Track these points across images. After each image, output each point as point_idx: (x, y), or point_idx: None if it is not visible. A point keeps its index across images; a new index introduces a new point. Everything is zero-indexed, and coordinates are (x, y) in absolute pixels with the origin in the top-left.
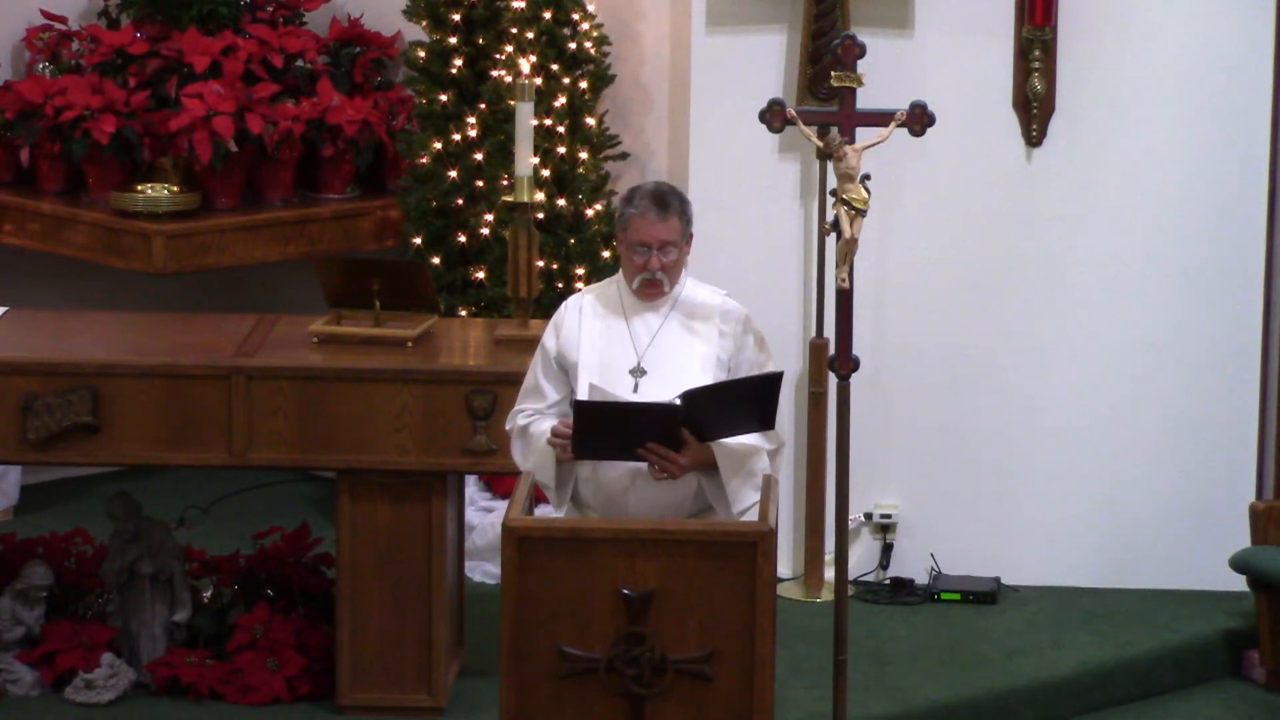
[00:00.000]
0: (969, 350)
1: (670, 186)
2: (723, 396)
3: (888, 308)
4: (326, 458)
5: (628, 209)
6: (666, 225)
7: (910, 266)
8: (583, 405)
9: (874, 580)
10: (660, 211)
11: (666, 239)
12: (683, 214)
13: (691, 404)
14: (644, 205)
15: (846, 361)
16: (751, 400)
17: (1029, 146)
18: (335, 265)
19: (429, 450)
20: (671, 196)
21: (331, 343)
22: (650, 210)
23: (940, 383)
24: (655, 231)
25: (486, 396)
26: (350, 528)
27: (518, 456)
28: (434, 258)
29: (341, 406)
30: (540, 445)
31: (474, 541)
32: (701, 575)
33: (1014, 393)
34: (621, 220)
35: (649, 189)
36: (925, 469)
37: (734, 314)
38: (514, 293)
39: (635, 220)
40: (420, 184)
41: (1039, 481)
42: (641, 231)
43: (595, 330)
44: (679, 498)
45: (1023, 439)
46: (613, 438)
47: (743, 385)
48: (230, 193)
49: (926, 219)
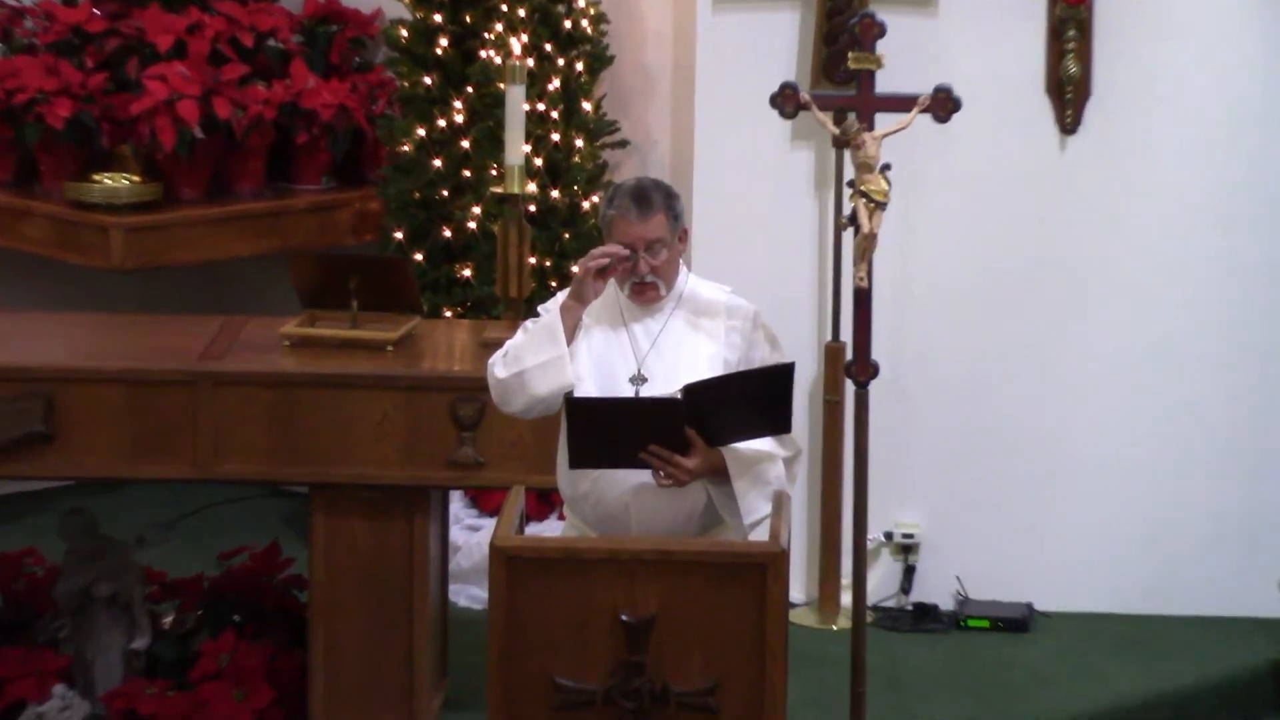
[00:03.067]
0: (998, 355)
1: (653, 181)
2: (728, 390)
3: (909, 309)
4: (299, 471)
5: (608, 211)
6: (650, 224)
7: (934, 264)
8: (576, 404)
9: (894, 606)
10: (641, 210)
11: (652, 238)
12: (669, 208)
13: (694, 398)
14: (623, 205)
15: (865, 367)
16: (761, 396)
17: (1063, 134)
18: (309, 262)
19: (411, 463)
20: (654, 191)
21: (305, 346)
22: (630, 210)
23: (966, 391)
24: (638, 231)
25: (473, 405)
26: (325, 547)
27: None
28: (417, 254)
29: (316, 415)
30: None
31: (459, 563)
32: (707, 599)
33: (1047, 402)
34: (604, 223)
35: (629, 187)
36: (950, 485)
37: (741, 311)
38: (503, 292)
39: (616, 222)
40: (402, 174)
41: (1075, 499)
42: (624, 234)
43: (592, 332)
44: (685, 512)
45: (1057, 453)
46: (612, 441)
47: (749, 378)
48: (195, 183)
49: (951, 213)
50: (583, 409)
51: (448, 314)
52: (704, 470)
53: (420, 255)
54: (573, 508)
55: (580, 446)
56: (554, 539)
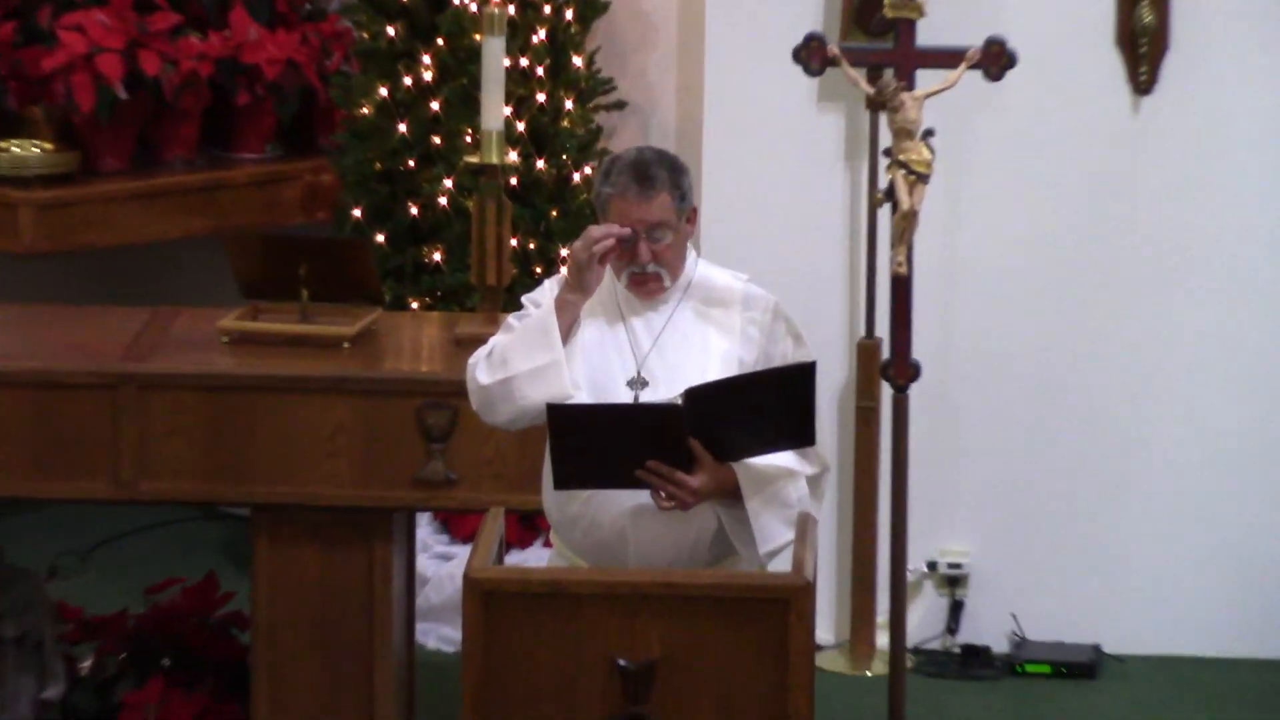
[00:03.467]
0: (1060, 354)
1: (657, 152)
2: (737, 395)
3: (956, 299)
4: (239, 490)
5: (603, 188)
6: (652, 204)
7: (984, 247)
8: (560, 412)
9: (939, 648)
10: (642, 188)
11: (655, 221)
12: (674, 186)
13: (699, 404)
14: (621, 182)
15: (904, 368)
16: (777, 402)
17: (1136, 94)
18: (251, 244)
19: (370, 481)
20: (656, 166)
21: (246, 343)
22: (630, 188)
23: (1024, 396)
24: (639, 213)
25: (444, 413)
26: (269, 580)
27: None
28: (378, 235)
29: (259, 425)
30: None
31: (428, 598)
32: (718, 642)
33: (1119, 409)
34: (599, 202)
35: (628, 160)
36: (1005, 506)
37: (760, 301)
38: (480, 280)
39: (613, 202)
40: (360, 141)
41: (1149, 524)
42: (621, 215)
43: (585, 330)
44: (691, 539)
45: (1129, 469)
46: (603, 456)
47: (765, 380)
48: (118, 152)
49: (1005, 187)
50: (567, 418)
51: (414, 305)
52: (712, 490)
53: (382, 236)
54: (561, 534)
55: (565, 463)
56: (539, 570)
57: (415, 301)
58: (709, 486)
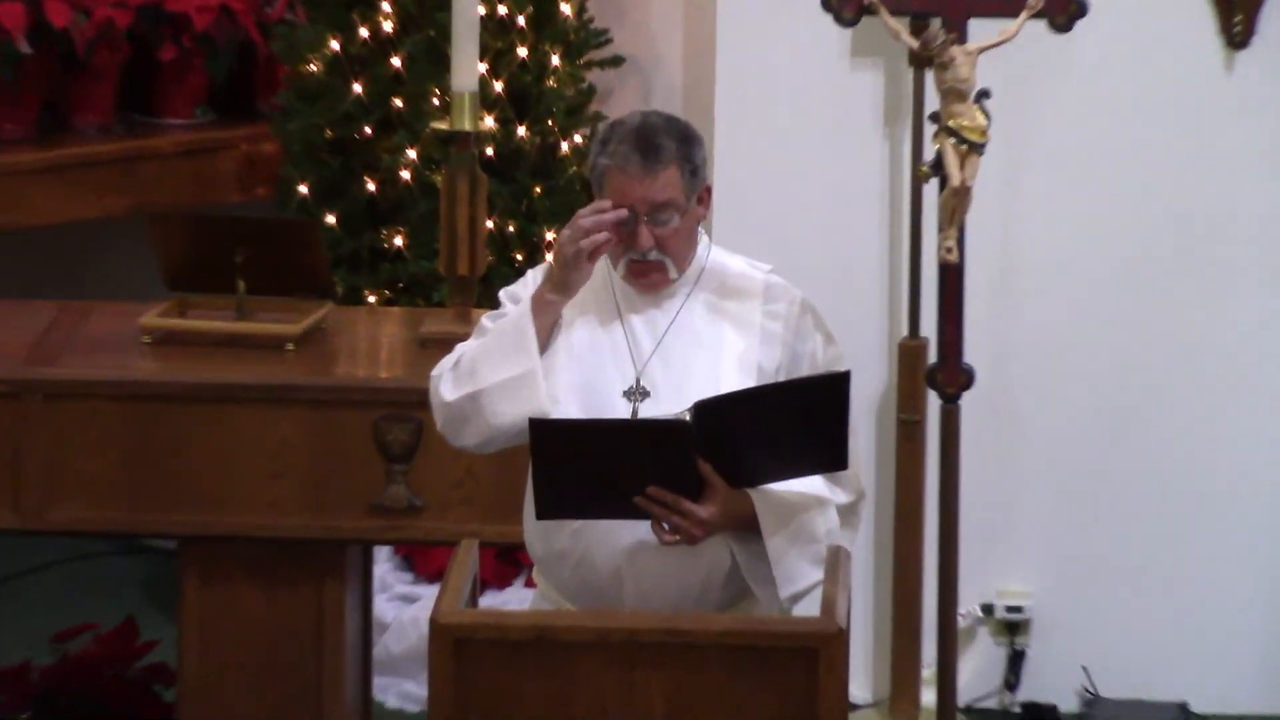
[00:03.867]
0: (1142, 357)
1: (664, 118)
2: (757, 408)
3: (1017, 291)
4: (164, 519)
5: (600, 159)
6: (658, 180)
7: (1051, 230)
8: (543, 427)
9: (996, 706)
10: (647, 160)
11: (661, 200)
12: (684, 159)
13: (708, 420)
14: (622, 153)
15: (955, 374)
16: (804, 417)
17: (1229, 49)
18: (178, 227)
19: (319, 508)
20: (664, 135)
21: (173, 344)
22: (631, 160)
23: (1099, 406)
24: (641, 191)
25: (406, 427)
26: (200, 625)
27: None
28: (328, 215)
29: (187, 442)
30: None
31: (387, 648)
32: (733, 699)
33: (1213, 422)
34: (595, 174)
35: (630, 126)
36: (1074, 538)
37: (784, 293)
38: (449, 269)
39: (611, 176)
40: (308, 104)
41: (1241, 561)
42: (621, 193)
43: (574, 331)
44: (700, 580)
45: (1222, 496)
46: (594, 479)
47: (788, 392)
48: (20, 117)
49: (1074, 158)
50: (552, 434)
51: (372, 299)
52: (725, 521)
53: (333, 217)
54: (545, 572)
55: (550, 488)
56: (520, 614)
57: (373, 295)
58: (721, 517)
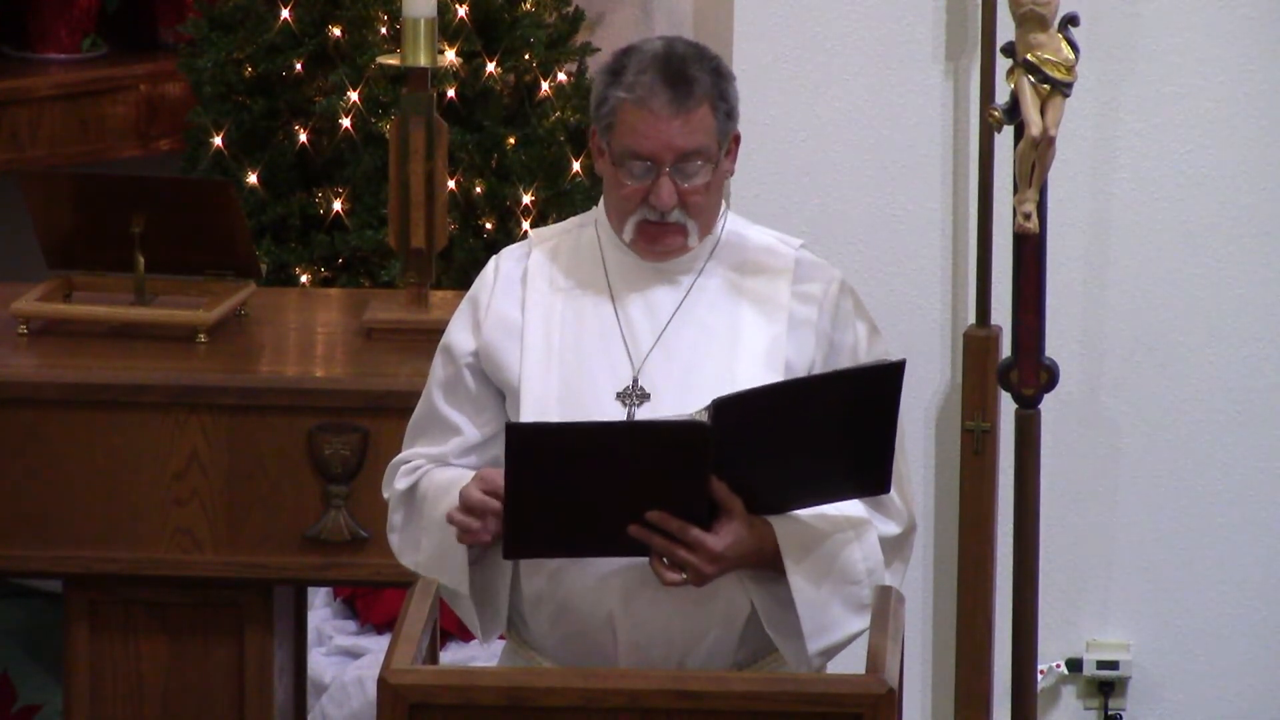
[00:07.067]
0: (1269, 356)
1: (692, 46)
2: (790, 410)
3: (1111, 270)
4: (45, 555)
5: (612, 90)
6: (690, 120)
7: (1155, 192)
8: (523, 433)
9: None
10: (677, 96)
11: (690, 148)
12: (720, 97)
13: (730, 420)
14: (645, 84)
15: (1034, 372)
16: (849, 422)
17: None
18: (61, 188)
19: (240, 540)
20: (695, 65)
21: (54, 335)
22: (657, 93)
23: (1212, 413)
24: (667, 136)
25: (349, 439)
26: (90, 685)
27: (399, 545)
28: (249, 174)
29: (74, 457)
30: (437, 521)
31: (325, 713)
32: None
33: None
34: (603, 111)
35: (652, 52)
36: (1180, 579)
37: (819, 270)
38: (400, 241)
39: (628, 114)
40: (223, 34)
41: None
42: (640, 135)
43: (553, 317)
44: (714, 628)
45: None
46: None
47: (830, 385)
48: None
49: (1183, 102)
50: (532, 443)
51: (304, 279)
52: (741, 554)
53: (254, 176)
54: (519, 621)
55: (522, 515)
56: (490, 672)
57: (305, 273)
58: (737, 550)
